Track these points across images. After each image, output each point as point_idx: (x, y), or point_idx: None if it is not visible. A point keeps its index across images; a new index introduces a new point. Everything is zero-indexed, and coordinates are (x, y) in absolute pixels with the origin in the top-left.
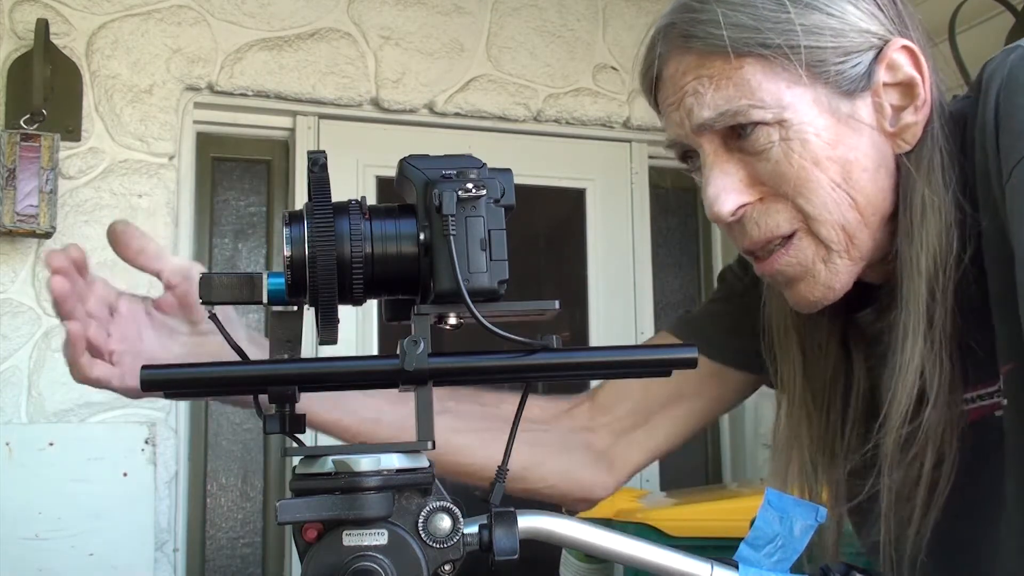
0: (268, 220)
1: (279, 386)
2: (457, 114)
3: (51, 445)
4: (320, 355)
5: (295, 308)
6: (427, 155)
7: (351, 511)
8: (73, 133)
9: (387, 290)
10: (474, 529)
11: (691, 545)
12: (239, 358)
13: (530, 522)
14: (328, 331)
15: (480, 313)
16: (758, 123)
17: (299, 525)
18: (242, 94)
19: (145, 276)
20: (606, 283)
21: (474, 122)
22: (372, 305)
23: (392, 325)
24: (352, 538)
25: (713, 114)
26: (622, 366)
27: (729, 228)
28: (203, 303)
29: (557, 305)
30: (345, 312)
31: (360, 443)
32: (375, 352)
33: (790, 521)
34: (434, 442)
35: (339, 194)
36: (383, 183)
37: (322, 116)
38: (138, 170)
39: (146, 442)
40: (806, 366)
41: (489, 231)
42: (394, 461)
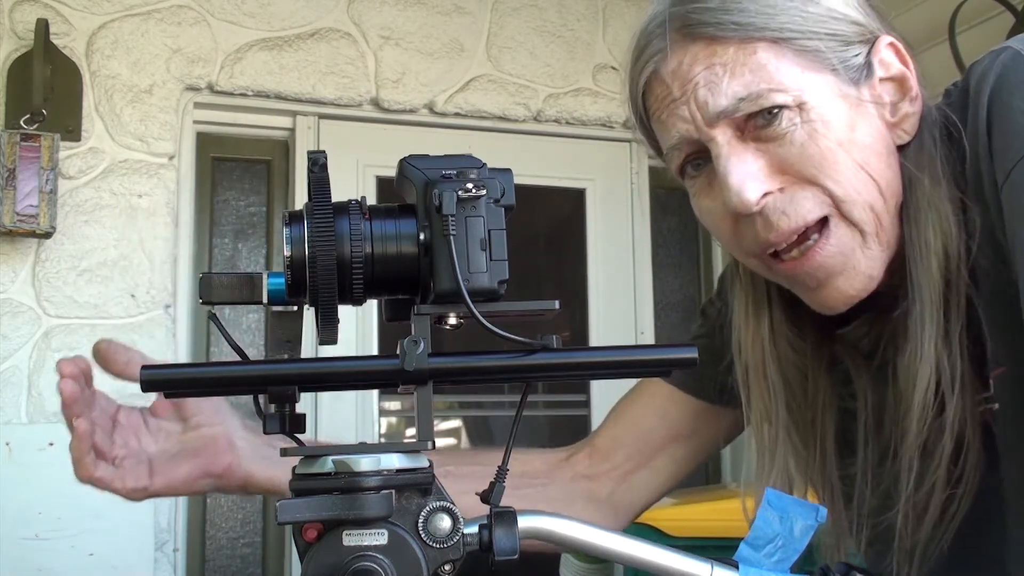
0: (268, 220)
1: (279, 386)
2: (457, 114)
3: (51, 445)
4: (320, 355)
5: (295, 308)
6: (427, 155)
7: (351, 511)
8: (73, 133)
9: (387, 290)
10: (474, 529)
11: (691, 545)
12: (239, 358)
13: (530, 522)
14: (328, 331)
15: (480, 313)
16: (780, 106)
17: (299, 525)
18: (242, 94)
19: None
20: (606, 283)
21: (474, 122)
22: (372, 305)
23: (392, 325)
24: (352, 538)
25: (732, 101)
26: (622, 366)
27: (743, 224)
28: (203, 303)
29: (557, 305)
30: (345, 312)
31: (360, 443)
32: (375, 352)
33: (790, 521)
34: (434, 442)
35: (339, 194)
36: (383, 183)
37: (322, 116)
38: (138, 170)
39: None
40: (788, 397)
41: (489, 231)
42: (394, 461)
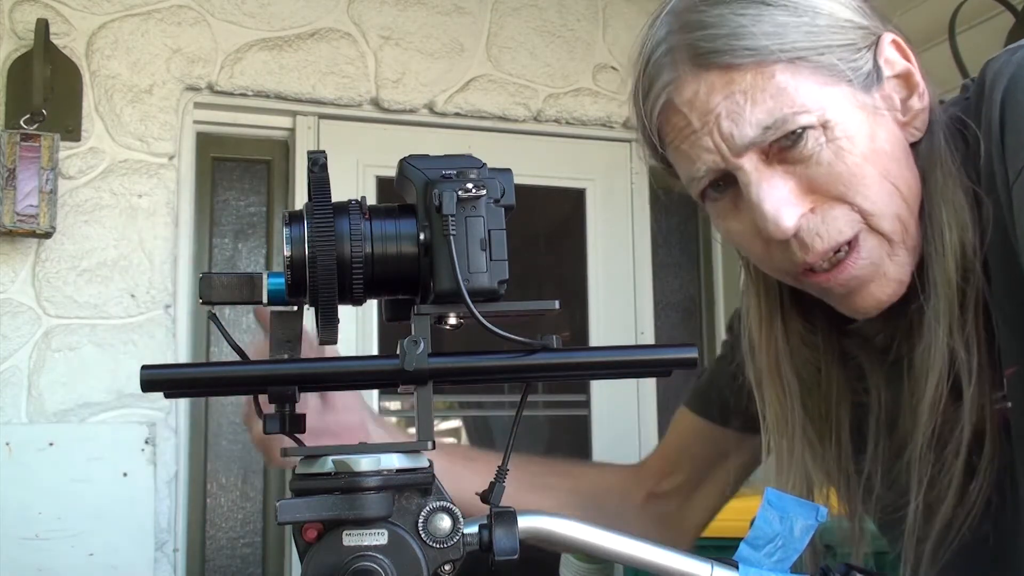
0: (268, 220)
1: (279, 386)
2: (457, 114)
3: (51, 445)
4: (320, 355)
5: (295, 308)
6: (427, 155)
7: (351, 511)
8: (73, 133)
9: (387, 290)
10: (474, 529)
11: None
12: (239, 358)
13: (530, 522)
14: (328, 331)
15: (480, 313)
16: (805, 127)
17: (299, 525)
18: (242, 94)
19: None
20: (606, 283)
21: (474, 122)
22: (372, 305)
23: (392, 325)
24: (352, 538)
25: (758, 130)
26: (622, 366)
27: (776, 246)
28: (203, 303)
29: (557, 305)
30: (345, 312)
31: (360, 444)
32: (375, 352)
33: (790, 521)
34: (434, 442)
35: (339, 194)
36: (383, 183)
37: (322, 116)
38: (138, 170)
39: (146, 442)
40: (803, 393)
41: (489, 231)
42: (394, 461)
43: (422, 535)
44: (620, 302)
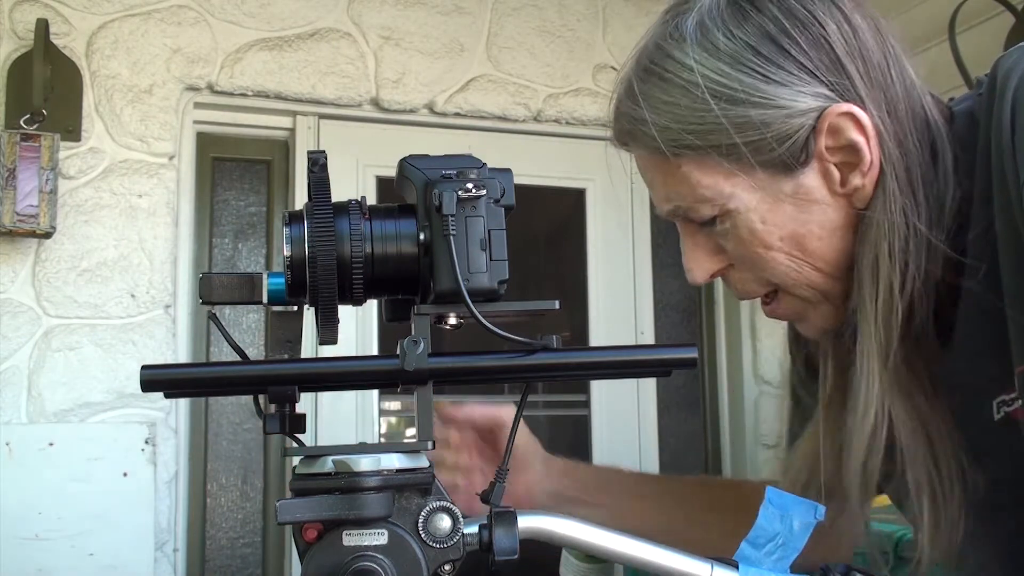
0: (268, 220)
1: (279, 386)
2: (457, 114)
3: (51, 445)
4: (320, 355)
5: (295, 308)
6: (427, 155)
7: (351, 511)
8: (73, 133)
9: (387, 290)
10: (474, 529)
11: None
12: (239, 358)
13: (530, 522)
14: (328, 331)
15: (480, 313)
16: (709, 215)
17: (299, 525)
18: (242, 94)
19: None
20: (606, 283)
21: (474, 122)
22: (372, 305)
23: (392, 325)
24: (352, 538)
25: (670, 207)
26: (622, 366)
27: None
28: (203, 303)
29: (557, 305)
30: (345, 312)
31: (360, 443)
32: (375, 352)
33: (790, 519)
34: (434, 442)
35: (339, 194)
36: (383, 183)
37: (322, 116)
38: (138, 170)
39: (146, 442)
40: (835, 378)
41: (489, 231)
42: (394, 461)
43: (422, 535)
44: (620, 302)
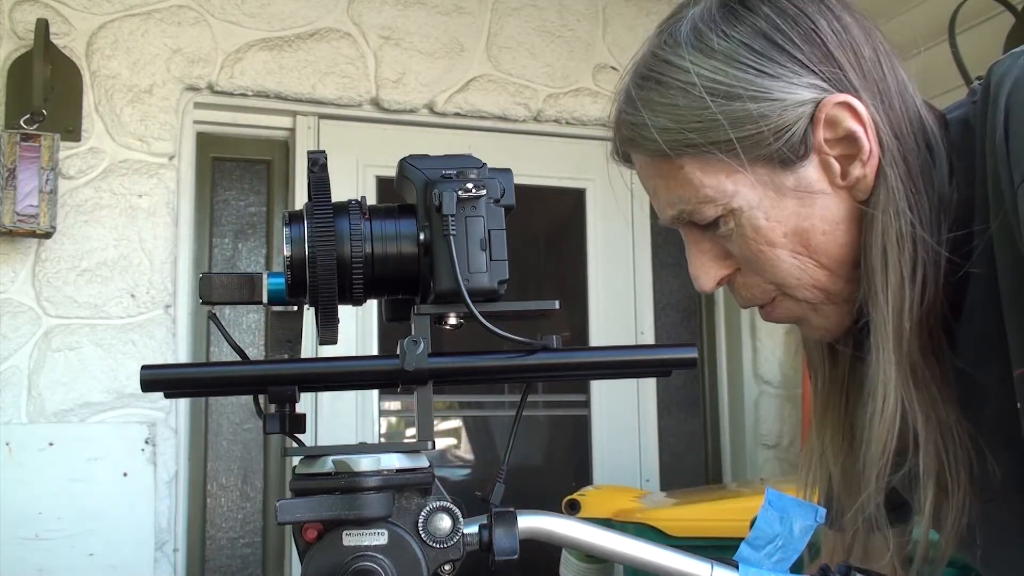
0: (268, 220)
1: (279, 386)
2: (457, 114)
3: (51, 445)
4: (320, 355)
5: (295, 308)
6: (427, 155)
7: (351, 511)
8: (73, 133)
9: (387, 290)
10: (474, 529)
11: (691, 545)
12: (239, 358)
13: (530, 522)
14: (328, 331)
15: (480, 313)
16: (714, 216)
17: (299, 525)
18: (242, 94)
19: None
20: (606, 283)
21: (474, 122)
22: (372, 305)
23: (392, 325)
24: (352, 538)
25: (674, 213)
26: (622, 366)
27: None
28: (203, 303)
29: (557, 305)
30: (345, 312)
31: (360, 443)
32: (375, 352)
33: (790, 521)
34: (434, 442)
35: (339, 194)
36: (383, 183)
37: (322, 116)
38: (138, 170)
39: (146, 442)
40: (831, 377)
41: (489, 231)
42: (394, 461)
43: (422, 535)
44: (620, 302)
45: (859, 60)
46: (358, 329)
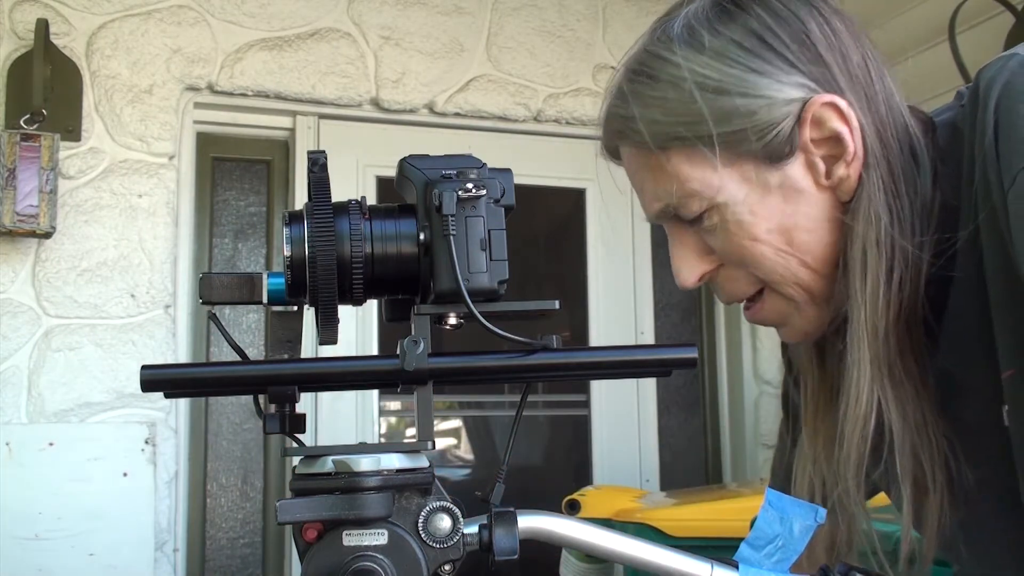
0: (268, 220)
1: (279, 386)
2: (457, 114)
3: (51, 445)
4: (320, 355)
5: (295, 308)
6: (427, 155)
7: (351, 511)
8: (73, 133)
9: (387, 290)
10: (474, 529)
11: (691, 545)
12: (239, 358)
13: (530, 522)
14: (328, 331)
15: (480, 313)
16: (699, 211)
17: (299, 525)
18: (242, 94)
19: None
20: (606, 283)
21: (474, 122)
22: (372, 305)
23: (392, 325)
24: (352, 538)
25: (659, 207)
26: (622, 366)
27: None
28: (203, 303)
29: (557, 305)
30: (345, 312)
31: (360, 443)
32: (375, 352)
33: (790, 521)
34: (434, 442)
35: (339, 194)
36: (383, 183)
37: (322, 116)
38: (138, 170)
39: (146, 442)
40: (821, 379)
41: (489, 231)
42: (394, 461)
43: (422, 535)
44: (620, 302)
45: (847, 63)
46: (358, 329)
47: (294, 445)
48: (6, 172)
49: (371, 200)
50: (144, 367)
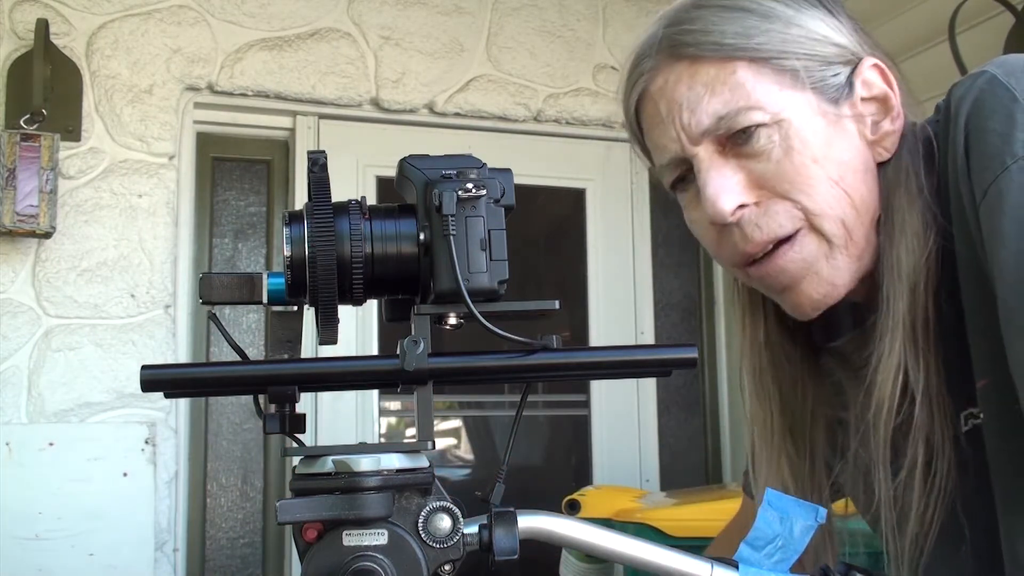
0: (268, 220)
1: (279, 386)
2: (457, 114)
3: (51, 445)
4: (320, 355)
5: (295, 308)
6: (427, 155)
7: (351, 511)
8: (73, 133)
9: (387, 290)
10: (474, 529)
11: (691, 545)
12: (239, 358)
13: (530, 522)
14: (328, 331)
15: (480, 313)
16: (758, 124)
17: (299, 525)
18: (242, 94)
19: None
20: (606, 283)
21: (474, 122)
22: (372, 305)
23: (392, 325)
24: (352, 538)
25: (712, 120)
26: (622, 366)
27: (723, 235)
28: (203, 303)
29: (557, 305)
30: (345, 312)
31: (360, 443)
32: (375, 352)
33: (790, 521)
34: (434, 442)
35: (339, 194)
36: (383, 183)
37: (322, 116)
38: (138, 170)
39: (146, 442)
40: (783, 404)
41: (489, 231)
42: (394, 461)
43: (422, 535)
44: (620, 302)
45: (878, 46)
46: (358, 329)
47: (294, 445)
48: (6, 172)
49: (371, 200)
50: (144, 367)
